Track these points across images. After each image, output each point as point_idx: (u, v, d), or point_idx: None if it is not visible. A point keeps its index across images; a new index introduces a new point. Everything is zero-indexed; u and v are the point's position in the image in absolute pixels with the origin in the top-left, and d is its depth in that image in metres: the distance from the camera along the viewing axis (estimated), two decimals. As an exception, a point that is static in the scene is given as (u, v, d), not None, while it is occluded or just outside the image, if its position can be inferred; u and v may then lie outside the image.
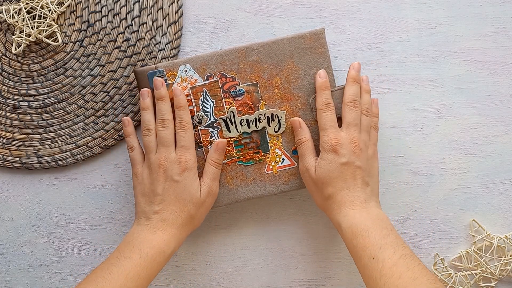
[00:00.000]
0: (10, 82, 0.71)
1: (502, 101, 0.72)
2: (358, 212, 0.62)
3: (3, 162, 0.72)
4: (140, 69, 0.67)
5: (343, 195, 0.63)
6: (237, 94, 0.67)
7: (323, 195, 0.65)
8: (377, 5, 0.71)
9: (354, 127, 0.64)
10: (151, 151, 0.65)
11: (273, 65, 0.66)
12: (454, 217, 0.72)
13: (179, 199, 0.64)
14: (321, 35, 0.66)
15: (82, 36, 0.70)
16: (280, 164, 0.68)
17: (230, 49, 0.66)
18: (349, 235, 0.62)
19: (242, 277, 0.73)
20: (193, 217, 0.65)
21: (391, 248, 0.59)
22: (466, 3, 0.71)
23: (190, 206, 0.64)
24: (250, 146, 0.68)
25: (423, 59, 0.71)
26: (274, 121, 0.67)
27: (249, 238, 0.73)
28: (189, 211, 0.64)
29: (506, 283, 0.72)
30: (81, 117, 0.71)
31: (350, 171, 0.63)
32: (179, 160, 0.64)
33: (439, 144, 0.72)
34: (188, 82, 0.67)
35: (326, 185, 0.64)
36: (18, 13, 0.68)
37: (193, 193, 0.64)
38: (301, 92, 0.67)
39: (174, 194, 0.64)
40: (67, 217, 0.73)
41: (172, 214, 0.63)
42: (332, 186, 0.64)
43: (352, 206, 0.63)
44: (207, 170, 0.66)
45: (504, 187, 0.72)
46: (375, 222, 0.61)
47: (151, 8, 0.70)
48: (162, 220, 0.63)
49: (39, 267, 0.74)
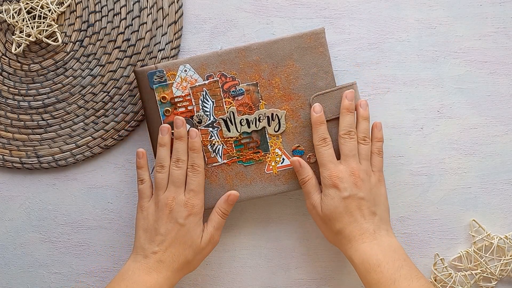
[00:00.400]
0: (10, 82, 0.71)
1: (502, 101, 0.72)
2: (368, 246, 0.62)
3: (3, 162, 0.72)
4: (140, 69, 0.67)
5: (351, 229, 0.63)
6: (237, 94, 0.67)
7: (332, 231, 0.64)
8: (377, 5, 0.71)
9: (351, 158, 0.64)
10: (161, 188, 0.65)
11: (273, 64, 0.66)
12: (454, 217, 0.72)
13: (180, 243, 0.64)
14: (321, 34, 0.66)
15: (82, 36, 0.70)
16: (280, 164, 0.68)
17: (230, 49, 0.66)
18: (362, 271, 0.61)
19: (242, 277, 0.73)
20: (190, 262, 0.65)
21: (405, 281, 0.59)
22: (466, 3, 0.71)
23: (189, 251, 0.64)
24: (250, 146, 0.68)
25: (423, 59, 0.71)
26: (274, 121, 0.67)
27: (249, 238, 0.73)
28: (187, 256, 0.64)
29: (506, 283, 0.72)
30: (81, 117, 0.71)
31: (354, 204, 0.63)
32: (187, 204, 0.64)
33: (439, 144, 0.72)
34: (188, 82, 0.67)
35: (334, 221, 0.64)
36: (18, 13, 0.68)
37: (195, 239, 0.64)
38: (301, 92, 0.67)
39: (176, 237, 0.64)
40: (67, 217, 0.73)
41: (170, 257, 0.63)
42: (339, 221, 0.63)
43: (362, 239, 0.62)
44: (212, 219, 0.66)
45: (504, 187, 0.72)
46: (387, 255, 0.61)
47: (151, 8, 0.70)
48: (159, 262, 0.63)
49: (39, 267, 0.74)
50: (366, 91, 0.71)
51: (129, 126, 0.71)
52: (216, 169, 0.68)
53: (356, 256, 0.62)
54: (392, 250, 0.62)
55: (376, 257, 0.61)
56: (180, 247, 0.64)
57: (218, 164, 0.68)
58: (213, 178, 0.68)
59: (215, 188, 0.68)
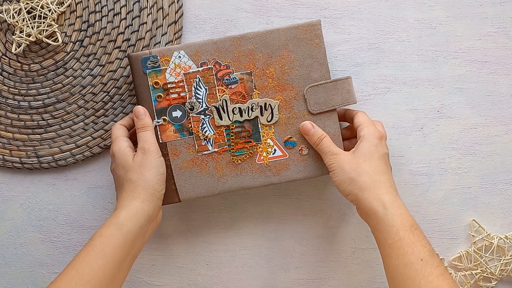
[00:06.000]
0: (10, 82, 0.71)
1: (502, 101, 0.72)
2: (404, 205, 0.60)
3: (3, 162, 0.72)
4: (134, 53, 0.67)
5: (389, 179, 0.61)
6: (230, 82, 0.67)
7: (365, 170, 0.61)
8: (377, 5, 0.71)
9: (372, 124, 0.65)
10: None
11: (268, 54, 0.66)
12: (454, 217, 0.72)
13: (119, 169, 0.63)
14: (317, 26, 0.66)
15: (82, 36, 0.70)
16: (272, 155, 0.68)
17: (226, 37, 0.66)
18: (396, 223, 0.57)
19: (242, 277, 0.73)
20: (132, 181, 0.62)
21: (437, 257, 0.57)
22: (466, 3, 0.71)
23: (123, 172, 0.63)
24: (242, 136, 0.67)
25: (423, 59, 0.71)
26: (267, 110, 0.67)
27: (249, 238, 0.73)
28: (118, 173, 0.63)
29: (506, 283, 0.72)
30: (81, 117, 0.71)
31: (387, 161, 0.63)
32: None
33: (439, 144, 0.72)
34: (182, 68, 0.66)
35: (370, 161, 0.61)
36: (18, 13, 0.68)
37: (127, 160, 0.63)
38: (295, 83, 0.67)
39: (114, 176, 0.64)
40: (67, 217, 0.73)
41: (117, 193, 0.63)
42: (376, 165, 0.61)
43: (398, 195, 0.61)
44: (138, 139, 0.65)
45: (504, 187, 0.72)
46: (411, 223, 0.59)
47: (151, 8, 0.70)
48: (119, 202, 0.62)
49: (39, 267, 0.74)
50: (366, 91, 0.71)
51: (129, 126, 0.71)
52: (206, 157, 0.67)
53: (395, 205, 0.59)
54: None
55: (413, 219, 0.59)
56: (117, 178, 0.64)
57: (208, 152, 0.67)
58: (203, 166, 0.67)
59: (204, 176, 0.67)
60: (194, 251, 0.73)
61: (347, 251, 0.72)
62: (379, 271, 0.73)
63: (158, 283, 0.74)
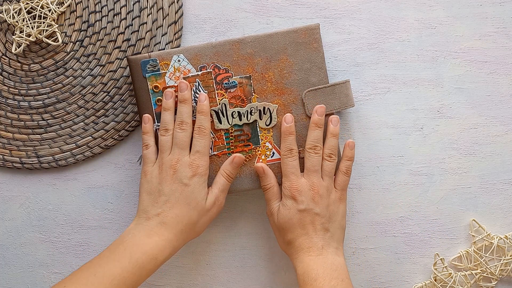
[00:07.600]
0: (10, 82, 0.71)
1: (502, 101, 0.72)
2: (313, 259, 0.63)
3: (3, 162, 0.72)
4: (133, 56, 0.67)
5: (301, 241, 0.64)
6: (229, 86, 0.67)
7: (284, 240, 0.66)
8: (377, 5, 0.71)
9: (314, 173, 0.65)
10: (165, 151, 0.64)
11: (267, 58, 0.67)
12: (454, 217, 0.72)
13: (184, 204, 0.63)
14: (316, 30, 0.66)
15: (82, 36, 0.70)
16: (270, 157, 0.68)
17: (225, 40, 0.66)
18: (301, 282, 0.62)
19: (242, 277, 0.73)
20: (194, 224, 0.64)
21: None
22: (466, 3, 0.71)
23: (194, 212, 0.63)
24: (241, 139, 0.68)
25: (423, 59, 0.71)
26: (266, 114, 0.67)
27: (249, 238, 0.73)
28: (192, 217, 0.63)
29: (506, 283, 0.72)
30: (81, 117, 0.71)
31: (308, 218, 0.64)
32: (191, 164, 0.63)
33: (439, 144, 0.72)
34: (181, 72, 0.67)
35: (286, 231, 0.65)
36: (18, 13, 0.68)
37: (199, 200, 0.63)
38: (293, 87, 0.67)
39: (180, 197, 0.63)
40: (67, 217, 0.73)
41: (174, 218, 0.62)
42: (291, 232, 0.65)
43: (309, 252, 0.63)
44: (218, 181, 0.66)
45: (504, 187, 0.72)
46: (326, 271, 0.62)
47: (151, 8, 0.70)
48: (162, 223, 0.62)
49: (39, 267, 0.74)
50: (366, 91, 0.71)
51: (130, 126, 0.71)
52: None
53: (300, 266, 0.63)
54: (333, 269, 0.62)
55: (316, 271, 0.62)
56: (184, 208, 0.62)
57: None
58: None
59: None
60: (194, 251, 0.73)
61: (347, 251, 0.72)
62: (379, 271, 0.73)
63: (158, 283, 0.74)
